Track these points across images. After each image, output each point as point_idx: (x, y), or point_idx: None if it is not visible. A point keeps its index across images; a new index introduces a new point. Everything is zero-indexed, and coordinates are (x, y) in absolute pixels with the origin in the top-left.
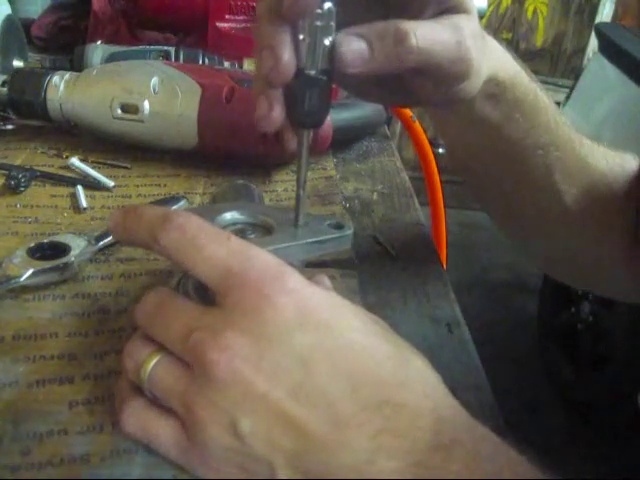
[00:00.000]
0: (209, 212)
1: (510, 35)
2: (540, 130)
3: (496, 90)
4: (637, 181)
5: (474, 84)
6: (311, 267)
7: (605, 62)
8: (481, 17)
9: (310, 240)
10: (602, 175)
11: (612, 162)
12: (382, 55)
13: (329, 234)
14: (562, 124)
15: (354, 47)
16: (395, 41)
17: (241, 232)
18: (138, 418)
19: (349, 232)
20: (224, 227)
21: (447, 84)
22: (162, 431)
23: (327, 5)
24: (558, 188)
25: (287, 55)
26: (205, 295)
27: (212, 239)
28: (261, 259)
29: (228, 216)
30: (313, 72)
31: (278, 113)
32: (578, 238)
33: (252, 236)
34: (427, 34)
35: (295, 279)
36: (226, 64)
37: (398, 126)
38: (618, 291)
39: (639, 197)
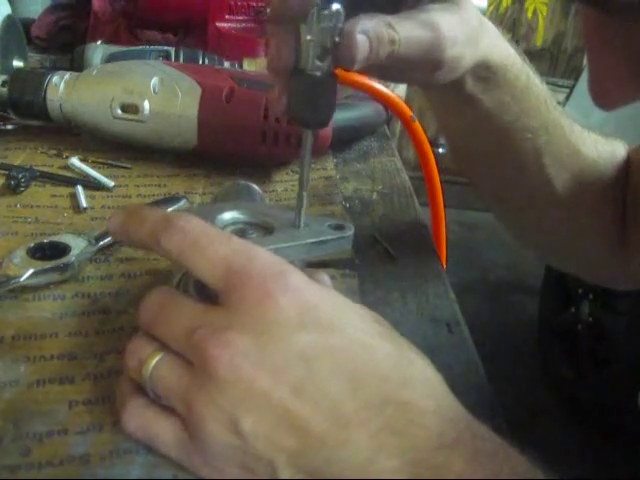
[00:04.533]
0: (210, 212)
1: (510, 35)
2: (530, 114)
3: (487, 73)
4: (625, 168)
5: (451, 72)
6: (311, 267)
7: None
8: None
9: (311, 240)
10: (592, 162)
11: (602, 149)
12: (377, 56)
13: (330, 235)
14: (553, 109)
15: (361, 47)
16: (387, 43)
17: (242, 232)
18: (139, 417)
19: (350, 233)
20: (225, 227)
21: (417, 72)
22: (163, 430)
23: (335, 7)
24: (547, 172)
25: (284, 51)
26: (206, 294)
27: (213, 240)
28: (262, 258)
29: (229, 216)
30: (318, 73)
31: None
32: (568, 224)
33: (253, 236)
34: (408, 36)
35: (297, 277)
36: (226, 64)
37: (398, 126)
38: (609, 278)
39: (627, 184)
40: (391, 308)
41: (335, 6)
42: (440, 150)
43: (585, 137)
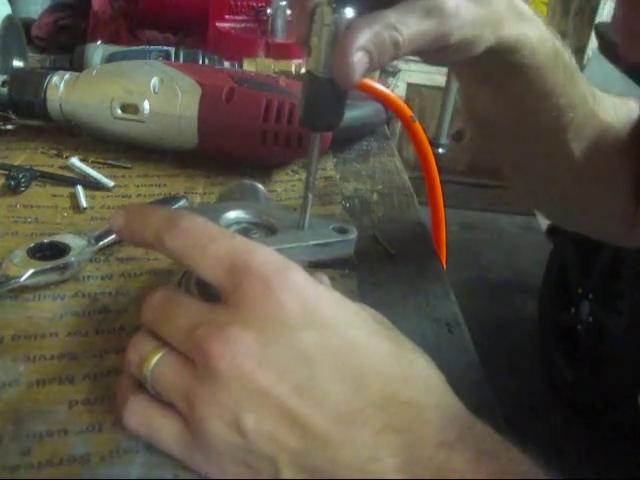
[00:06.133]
0: (214, 211)
1: None
2: (558, 93)
3: (517, 57)
4: (638, 126)
5: (462, 52)
6: (311, 267)
7: (605, 62)
8: None
9: (314, 242)
10: (610, 125)
11: (620, 111)
12: (379, 64)
13: (333, 238)
14: (579, 82)
15: (358, 66)
16: (391, 48)
17: (245, 231)
18: (140, 414)
19: (353, 237)
20: (228, 226)
21: (422, 55)
22: (164, 427)
23: (349, 12)
24: (569, 145)
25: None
26: (207, 292)
27: (216, 238)
28: (265, 255)
29: (233, 215)
30: (327, 76)
31: None
32: (584, 184)
33: (256, 236)
34: (412, 32)
35: (299, 275)
36: (226, 64)
37: (398, 126)
38: (624, 238)
39: None
40: (391, 308)
41: (348, 12)
42: (440, 150)
43: (605, 102)
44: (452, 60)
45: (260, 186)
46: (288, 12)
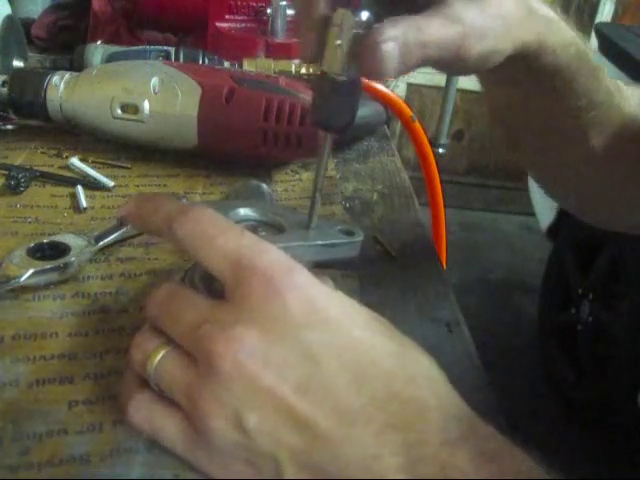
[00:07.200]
0: (223, 207)
1: None
2: (578, 96)
3: (536, 64)
4: None
5: (479, 66)
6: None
7: (605, 62)
8: None
9: (320, 243)
10: (633, 117)
11: None
12: (408, 64)
13: (339, 239)
14: (603, 81)
15: (388, 57)
16: (417, 50)
17: (253, 229)
18: (144, 411)
19: (359, 239)
20: (237, 223)
21: (439, 67)
22: (168, 424)
23: (365, 15)
24: (589, 141)
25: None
26: (212, 288)
27: (225, 232)
28: (272, 254)
29: (241, 212)
30: (342, 77)
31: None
32: (605, 176)
33: (263, 234)
34: (436, 39)
35: (304, 276)
36: (226, 64)
37: (398, 126)
38: None
39: None
40: (391, 308)
41: (365, 14)
42: (440, 150)
43: (629, 96)
44: (472, 70)
45: (265, 186)
46: (288, 12)
